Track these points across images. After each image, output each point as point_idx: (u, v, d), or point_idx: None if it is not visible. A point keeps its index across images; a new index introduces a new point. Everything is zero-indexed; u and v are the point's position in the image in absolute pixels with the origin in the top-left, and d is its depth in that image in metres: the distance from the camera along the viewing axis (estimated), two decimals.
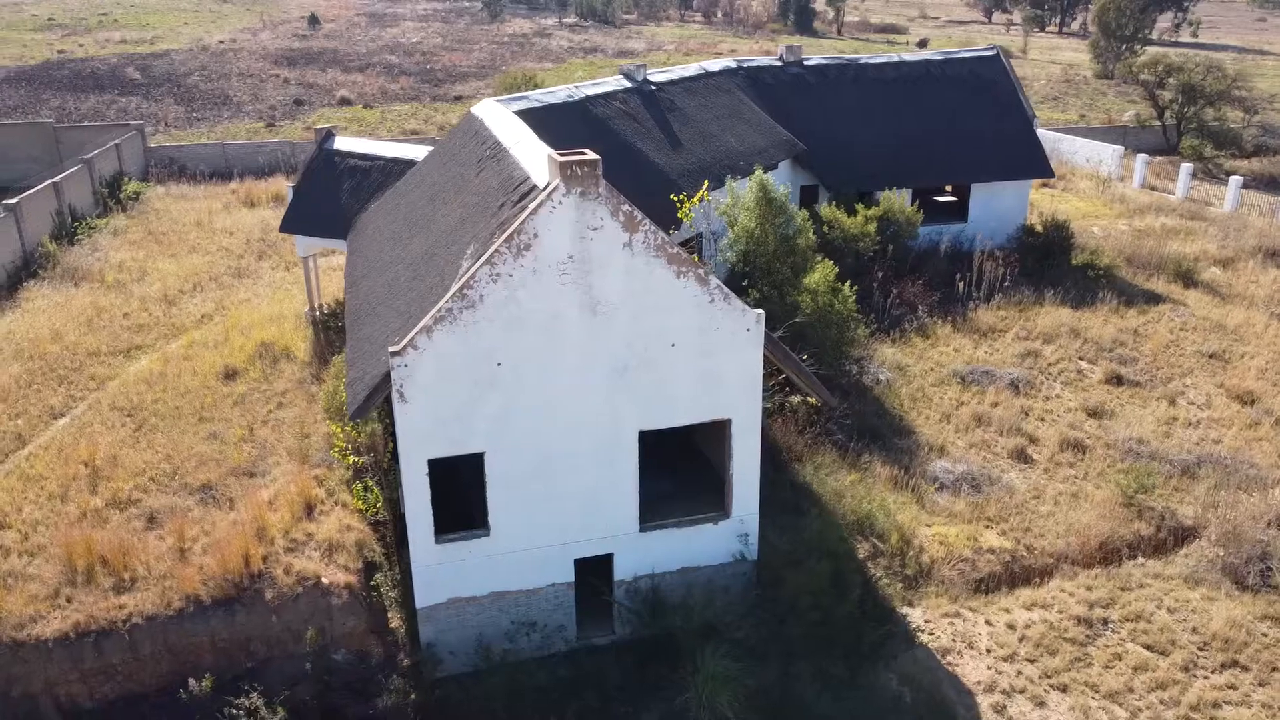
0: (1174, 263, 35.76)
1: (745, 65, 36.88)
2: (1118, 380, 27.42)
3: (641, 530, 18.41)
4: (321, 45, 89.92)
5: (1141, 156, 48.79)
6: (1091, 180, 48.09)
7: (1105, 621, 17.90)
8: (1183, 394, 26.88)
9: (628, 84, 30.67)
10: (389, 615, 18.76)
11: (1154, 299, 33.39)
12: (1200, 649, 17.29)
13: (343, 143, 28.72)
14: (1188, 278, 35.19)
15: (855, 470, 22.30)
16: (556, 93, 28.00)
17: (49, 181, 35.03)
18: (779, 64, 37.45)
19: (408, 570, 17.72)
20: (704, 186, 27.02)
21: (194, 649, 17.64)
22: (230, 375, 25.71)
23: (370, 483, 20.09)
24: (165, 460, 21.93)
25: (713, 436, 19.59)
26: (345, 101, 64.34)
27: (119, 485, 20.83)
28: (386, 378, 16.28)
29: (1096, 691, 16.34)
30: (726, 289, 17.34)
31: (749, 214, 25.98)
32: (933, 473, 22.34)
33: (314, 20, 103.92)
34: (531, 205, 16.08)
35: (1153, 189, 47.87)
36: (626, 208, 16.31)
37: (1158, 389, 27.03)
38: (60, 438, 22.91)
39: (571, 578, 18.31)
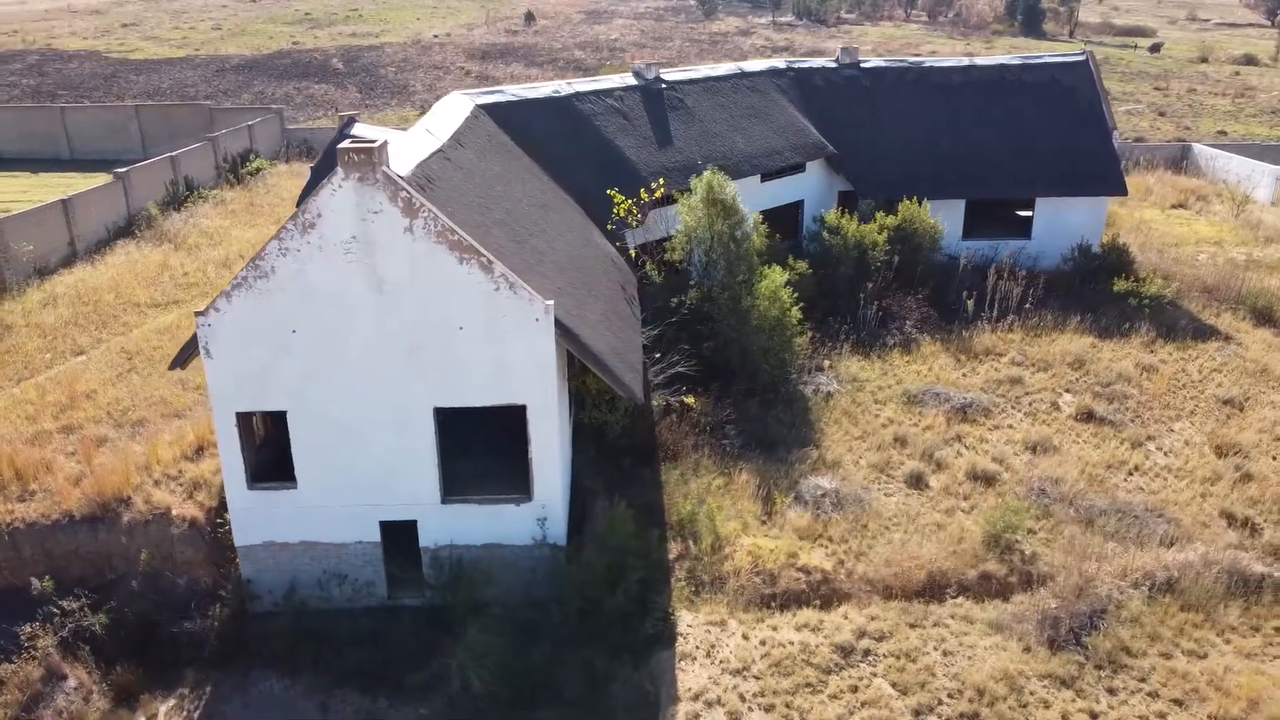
0: (1253, 297, 31.92)
1: (795, 66, 36.32)
2: (1089, 416, 25.18)
3: (444, 502, 19.42)
4: (524, 41, 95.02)
5: None
6: (1230, 203, 43.13)
7: (866, 653, 17.02)
8: (1155, 439, 24.32)
9: (633, 82, 31.27)
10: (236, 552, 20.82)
11: (1206, 334, 30.06)
12: (949, 696, 16.12)
13: (360, 129, 31.17)
14: (1264, 315, 31.32)
15: (723, 476, 22.11)
16: (540, 87, 29.14)
17: (166, 155, 40.23)
18: (833, 65, 36.59)
19: None
20: (660, 184, 27.38)
21: (65, 557, 20.48)
22: None
23: None
24: (129, 398, 25.18)
25: None
26: None
27: (78, 414, 24.23)
28: None
29: (803, 717, 15.71)
30: (514, 278, 17.97)
31: (692, 213, 26.05)
32: (802, 488, 21.73)
33: (529, 17, 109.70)
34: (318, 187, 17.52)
35: None
36: (405, 194, 17.36)
37: (1129, 430, 24.59)
38: (67, 371, 26.78)
39: (378, 538, 19.61)
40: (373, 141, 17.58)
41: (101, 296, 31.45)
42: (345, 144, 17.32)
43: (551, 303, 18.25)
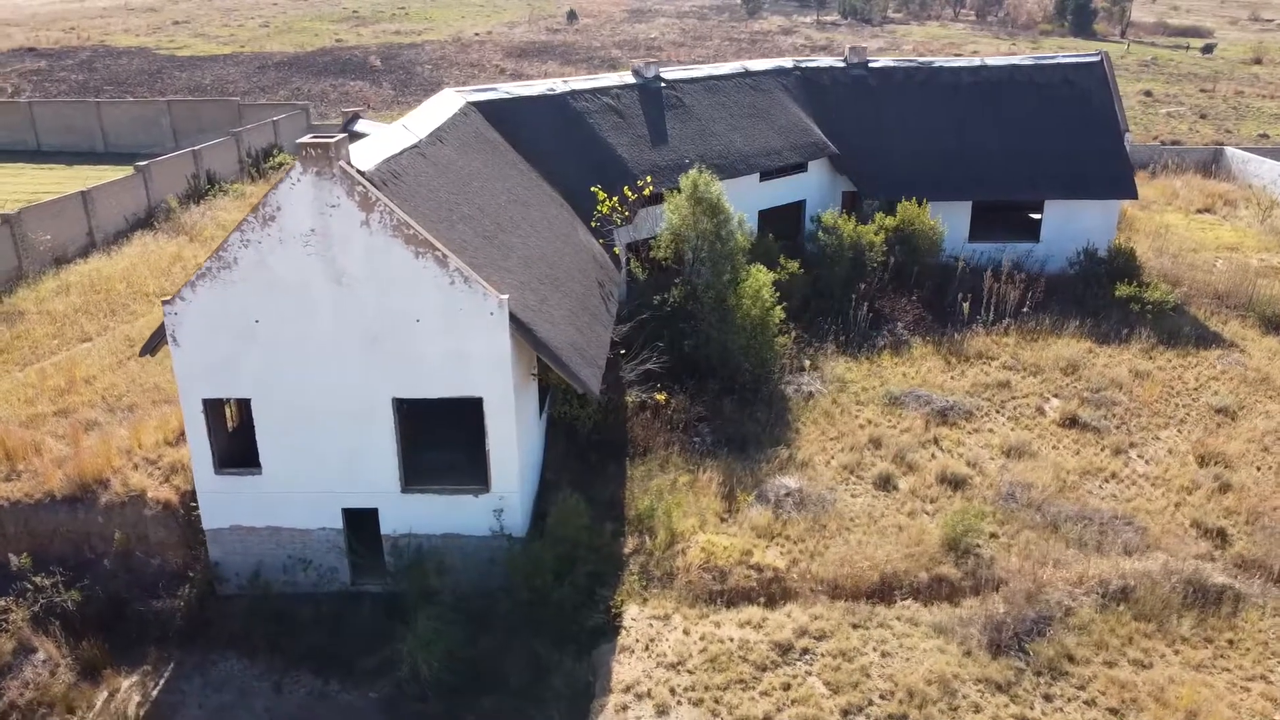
0: (1263, 304, 31.18)
1: (802, 66, 36.20)
2: (1072, 422, 24.83)
3: (404, 491, 19.79)
4: (563, 40, 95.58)
5: None
6: (1257, 208, 42.06)
7: (805, 651, 17.02)
8: (1137, 446, 23.90)
9: (631, 80, 31.41)
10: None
11: (1209, 341, 29.44)
12: (880, 696, 16.06)
13: (363, 125, 31.75)
14: (1273, 323, 30.58)
15: (689, 473, 22.19)
16: (535, 85, 29.42)
17: (189, 149, 41.30)
18: (841, 65, 36.39)
19: None
20: (647, 181, 27.50)
21: (47, 535, 21.19)
22: None
23: None
24: (125, 384, 25.95)
25: None
26: None
27: (74, 399, 25.04)
28: None
29: (731, 712, 15.77)
30: (469, 272, 18.26)
31: (677, 211, 26.14)
32: (766, 487, 21.73)
33: (571, 15, 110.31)
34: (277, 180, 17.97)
35: None
36: (361, 188, 17.74)
37: (1112, 437, 24.20)
38: (70, 357, 27.67)
39: (341, 524, 20.05)
40: (331, 137, 17.98)
41: (113, 286, 32.38)
42: (304, 139, 17.74)
43: (507, 297, 18.50)
